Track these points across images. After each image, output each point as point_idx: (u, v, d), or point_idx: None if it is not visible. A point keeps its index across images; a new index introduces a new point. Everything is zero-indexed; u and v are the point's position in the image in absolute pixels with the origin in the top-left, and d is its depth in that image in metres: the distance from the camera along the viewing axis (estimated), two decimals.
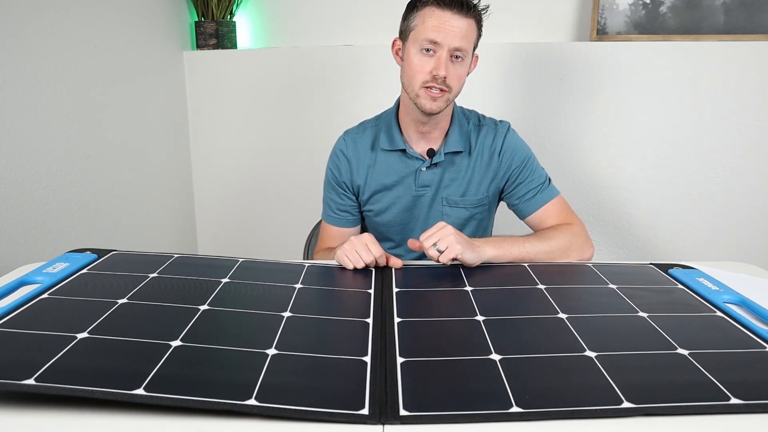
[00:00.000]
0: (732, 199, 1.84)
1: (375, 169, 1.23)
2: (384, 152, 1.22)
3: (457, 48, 1.07)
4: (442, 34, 1.06)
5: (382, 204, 1.24)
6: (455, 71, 1.09)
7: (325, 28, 1.98)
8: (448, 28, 1.06)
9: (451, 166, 1.21)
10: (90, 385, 0.58)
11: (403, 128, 1.21)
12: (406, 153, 1.21)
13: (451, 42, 1.06)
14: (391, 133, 1.21)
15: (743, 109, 1.77)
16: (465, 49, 1.08)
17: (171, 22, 1.88)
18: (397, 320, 0.78)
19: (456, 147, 1.19)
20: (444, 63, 1.07)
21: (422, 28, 1.08)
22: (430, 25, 1.06)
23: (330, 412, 0.57)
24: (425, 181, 1.21)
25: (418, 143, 1.21)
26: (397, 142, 1.20)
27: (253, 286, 0.88)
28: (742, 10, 1.73)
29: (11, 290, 0.84)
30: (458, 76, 1.10)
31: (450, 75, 1.08)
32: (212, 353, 0.67)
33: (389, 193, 1.23)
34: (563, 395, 0.60)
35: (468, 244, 1.00)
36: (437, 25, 1.06)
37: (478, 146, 1.22)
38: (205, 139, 2.03)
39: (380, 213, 1.25)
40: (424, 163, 1.20)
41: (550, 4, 1.89)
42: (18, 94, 1.26)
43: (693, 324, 0.77)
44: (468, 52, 1.10)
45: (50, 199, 1.36)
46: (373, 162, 1.23)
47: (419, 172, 1.21)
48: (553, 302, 0.84)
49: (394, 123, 1.22)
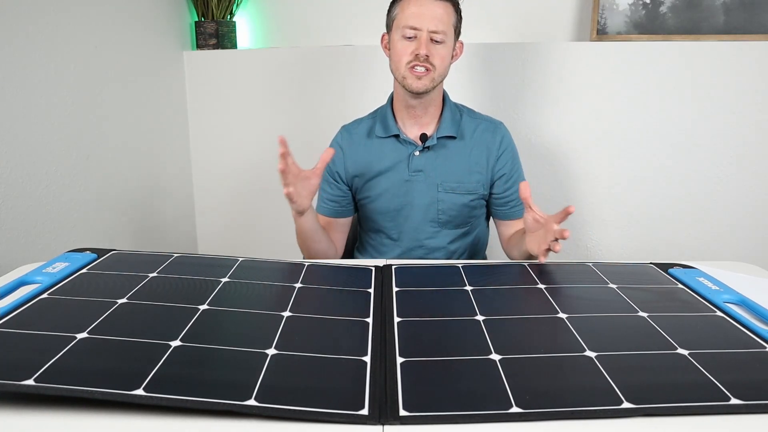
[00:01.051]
0: (732, 199, 1.84)
1: (370, 156, 1.27)
2: (379, 139, 1.27)
3: (434, 31, 1.14)
4: (419, 19, 1.14)
5: (376, 190, 1.27)
6: (437, 51, 1.16)
7: (325, 28, 1.98)
8: (426, 13, 1.14)
9: (445, 150, 1.25)
10: (89, 386, 0.58)
11: (397, 115, 1.27)
12: (399, 138, 1.25)
13: (429, 25, 1.14)
14: (386, 121, 1.27)
15: (743, 109, 1.77)
16: (443, 31, 1.15)
17: (171, 22, 1.88)
18: (397, 320, 0.78)
19: (448, 132, 1.24)
20: (425, 43, 1.14)
21: (402, 16, 1.16)
22: (409, 12, 1.15)
23: (330, 412, 0.57)
24: (418, 166, 1.24)
25: (411, 129, 1.26)
26: (390, 128, 1.26)
27: (253, 285, 0.88)
28: (742, 10, 1.73)
29: (11, 290, 0.84)
30: (440, 56, 1.17)
31: (432, 54, 1.15)
32: (212, 353, 0.67)
33: (383, 179, 1.26)
34: (563, 395, 0.60)
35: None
36: (415, 12, 1.15)
37: (476, 137, 1.26)
38: (205, 139, 2.03)
39: (375, 199, 1.27)
40: (417, 148, 1.24)
41: (550, 4, 1.89)
42: (18, 94, 1.26)
43: (693, 324, 0.77)
44: (448, 35, 1.17)
45: (50, 199, 1.36)
46: (368, 149, 1.28)
47: (412, 157, 1.25)
48: (553, 302, 0.84)
49: (389, 111, 1.27)
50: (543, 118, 1.86)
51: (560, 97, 1.83)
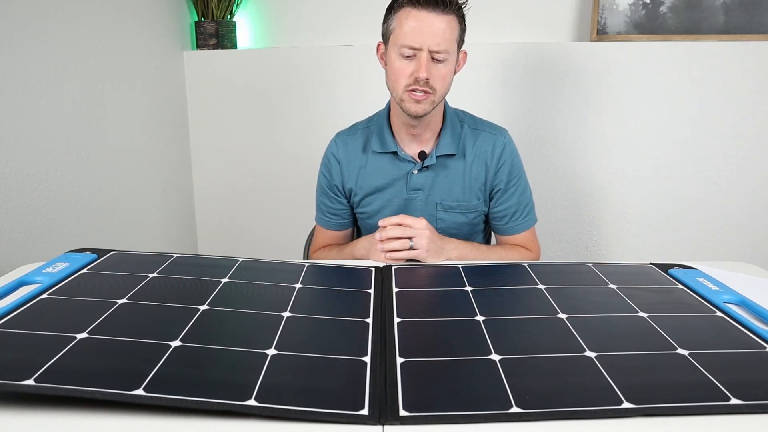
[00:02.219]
0: (732, 199, 1.84)
1: (366, 172, 1.22)
2: (375, 154, 1.21)
3: (436, 50, 1.04)
4: (420, 38, 1.03)
5: (374, 206, 1.23)
6: (438, 72, 1.06)
7: (325, 28, 1.98)
8: (426, 30, 1.02)
9: (444, 170, 1.19)
10: (89, 386, 0.58)
11: (395, 130, 1.20)
12: (397, 155, 1.19)
13: (430, 44, 1.03)
14: (383, 136, 1.19)
15: (743, 109, 1.77)
16: (446, 49, 1.05)
17: (171, 22, 1.88)
18: (397, 320, 0.78)
19: (448, 150, 1.18)
20: (425, 65, 1.04)
21: (400, 32, 1.05)
22: (407, 27, 1.03)
23: (329, 412, 0.57)
24: (417, 185, 1.20)
25: (410, 145, 1.19)
26: (388, 145, 1.19)
27: (252, 286, 0.88)
28: (742, 10, 1.73)
29: (11, 290, 0.84)
30: (441, 77, 1.07)
31: (433, 76, 1.05)
32: (212, 353, 0.67)
33: (381, 196, 1.22)
34: (563, 395, 0.60)
35: (437, 253, 1.07)
36: (415, 27, 1.03)
37: (475, 151, 1.20)
38: (205, 139, 2.03)
39: (373, 215, 1.24)
40: (415, 166, 1.19)
41: (550, 4, 1.89)
42: (18, 94, 1.26)
43: (693, 324, 0.77)
44: (450, 52, 1.07)
45: (50, 199, 1.36)
46: (364, 164, 1.22)
47: (411, 175, 1.19)
48: (553, 302, 0.84)
49: (386, 125, 1.20)
50: (543, 118, 1.86)
51: (560, 97, 1.83)
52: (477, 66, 1.83)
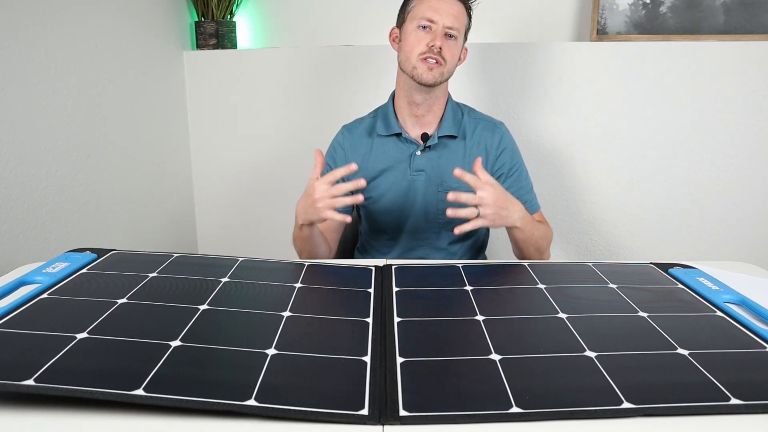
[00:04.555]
0: (732, 199, 1.84)
1: (371, 155, 1.27)
2: (380, 138, 1.27)
3: (450, 26, 1.17)
4: (437, 13, 1.17)
5: (378, 190, 1.27)
6: (450, 46, 1.18)
7: (325, 28, 1.98)
8: (444, 8, 1.17)
9: (445, 150, 1.25)
10: (89, 386, 0.58)
11: (399, 114, 1.27)
12: (401, 137, 1.26)
13: (446, 20, 1.16)
14: (387, 119, 1.27)
15: (743, 109, 1.77)
16: (457, 28, 1.18)
17: (171, 22, 1.88)
18: (397, 320, 0.78)
19: (450, 131, 1.25)
20: (440, 35, 1.16)
21: (419, 9, 1.18)
22: (427, 5, 1.18)
23: (330, 412, 0.57)
24: (420, 166, 1.25)
25: (413, 128, 1.27)
26: (392, 127, 1.26)
27: (252, 285, 0.88)
28: (742, 10, 1.73)
29: (11, 290, 0.84)
30: (452, 52, 1.19)
31: (445, 48, 1.17)
32: (212, 353, 0.67)
33: (385, 179, 1.26)
34: (563, 395, 0.60)
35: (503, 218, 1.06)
36: (434, 5, 1.17)
37: (475, 137, 1.26)
38: (205, 139, 2.03)
39: (377, 200, 1.27)
40: (418, 147, 1.25)
41: (550, 4, 1.89)
42: (18, 94, 1.26)
43: (693, 324, 0.77)
44: (460, 33, 1.20)
45: (50, 199, 1.36)
46: (369, 148, 1.28)
47: (414, 156, 1.25)
48: (553, 302, 0.84)
49: (391, 110, 1.28)
50: (543, 118, 1.86)
51: (560, 97, 1.83)
52: (477, 66, 1.83)
